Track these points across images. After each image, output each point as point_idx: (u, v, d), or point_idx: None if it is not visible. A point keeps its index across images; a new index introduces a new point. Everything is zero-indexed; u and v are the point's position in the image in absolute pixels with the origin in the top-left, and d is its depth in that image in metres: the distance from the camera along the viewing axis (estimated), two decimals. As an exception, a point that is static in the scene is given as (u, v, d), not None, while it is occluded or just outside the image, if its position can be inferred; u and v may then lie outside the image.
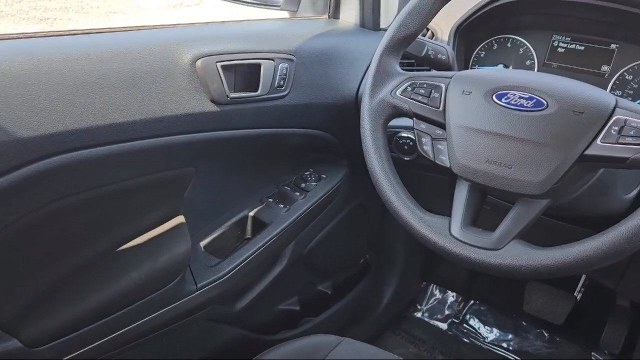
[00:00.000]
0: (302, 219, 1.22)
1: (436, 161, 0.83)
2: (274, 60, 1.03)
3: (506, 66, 1.13)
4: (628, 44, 1.01)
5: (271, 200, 1.23)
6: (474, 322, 1.80)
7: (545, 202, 0.76)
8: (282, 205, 1.22)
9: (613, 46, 1.02)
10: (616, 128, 0.70)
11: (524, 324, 1.75)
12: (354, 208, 1.44)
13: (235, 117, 1.00)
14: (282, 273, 1.27)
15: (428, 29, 1.19)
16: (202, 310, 1.10)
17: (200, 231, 1.13)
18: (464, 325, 1.80)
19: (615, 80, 1.02)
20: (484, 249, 0.75)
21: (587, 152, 0.71)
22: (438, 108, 0.82)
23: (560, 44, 1.08)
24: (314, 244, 1.35)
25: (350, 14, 1.29)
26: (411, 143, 1.12)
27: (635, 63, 1.00)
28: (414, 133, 0.86)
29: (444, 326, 1.80)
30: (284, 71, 1.04)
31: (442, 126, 0.82)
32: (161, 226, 1.01)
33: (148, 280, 0.98)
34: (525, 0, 1.06)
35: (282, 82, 1.05)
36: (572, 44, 1.07)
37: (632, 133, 0.68)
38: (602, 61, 1.03)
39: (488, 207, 0.85)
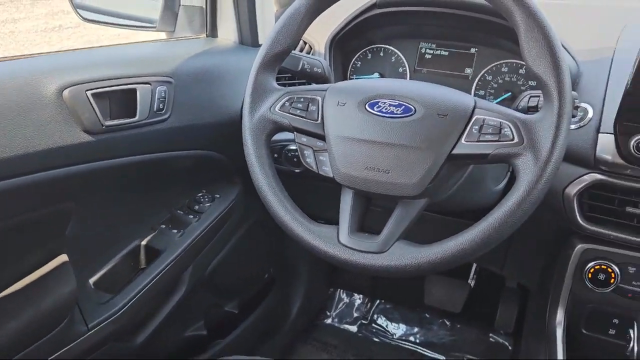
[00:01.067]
0: (197, 241, 1.19)
1: (320, 172, 0.85)
2: (150, 84, 1.00)
3: (382, 74, 1.19)
4: (485, 47, 1.10)
5: (164, 226, 1.20)
6: (382, 321, 1.86)
7: (424, 201, 0.80)
8: (175, 230, 1.18)
9: (473, 50, 1.11)
10: (477, 127, 0.75)
11: (427, 316, 1.83)
12: (252, 225, 1.43)
13: (114, 146, 0.96)
14: (183, 299, 1.24)
15: (306, 43, 1.22)
16: (97, 351, 1.04)
17: (88, 268, 1.07)
18: (373, 325, 1.86)
19: (478, 81, 1.10)
20: (371, 252, 0.78)
21: (455, 151, 0.76)
22: (316, 120, 0.84)
23: (427, 50, 1.15)
24: (215, 265, 1.33)
25: (228, 31, 1.29)
26: (299, 155, 1.14)
27: (493, 64, 1.09)
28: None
29: (353, 329, 1.84)
30: (163, 94, 1.02)
31: (322, 138, 0.84)
32: (43, 267, 0.94)
33: (31, 328, 0.91)
34: (393, 12, 1.11)
35: (161, 106, 1.02)
36: (438, 50, 1.14)
37: (490, 131, 0.74)
38: (465, 64, 1.12)
39: (379, 209, 0.88)
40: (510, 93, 1.07)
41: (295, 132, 0.87)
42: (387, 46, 1.19)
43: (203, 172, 1.29)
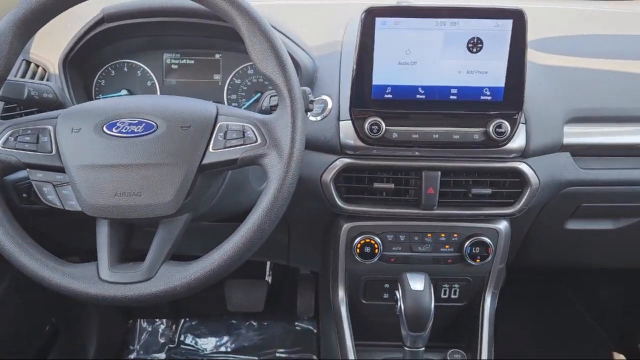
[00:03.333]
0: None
1: (66, 208, 0.78)
2: None
3: (130, 91, 1.13)
4: (229, 52, 1.11)
5: None
6: (190, 340, 1.80)
7: (185, 217, 0.78)
8: None
9: (217, 56, 1.12)
10: (221, 134, 0.75)
11: (234, 322, 1.82)
12: (14, 277, 1.25)
13: None
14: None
15: (39, 66, 1.10)
16: None
17: None
18: (182, 346, 1.79)
19: (228, 85, 1.11)
20: (138, 282, 0.73)
21: (204, 161, 0.75)
22: (50, 152, 0.76)
23: (173, 61, 1.12)
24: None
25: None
26: (38, 194, 1.02)
27: (239, 68, 1.11)
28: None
29: (162, 356, 1.75)
30: None
31: (61, 170, 0.76)
32: None
33: None
34: (127, 25, 1.06)
35: None
36: (183, 59, 1.12)
37: (234, 136, 0.75)
38: (213, 70, 1.12)
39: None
40: (260, 94, 1.11)
41: (27, 169, 0.77)
42: (130, 60, 1.13)
43: None
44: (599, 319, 1.76)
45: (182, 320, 1.84)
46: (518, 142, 0.95)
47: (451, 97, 0.92)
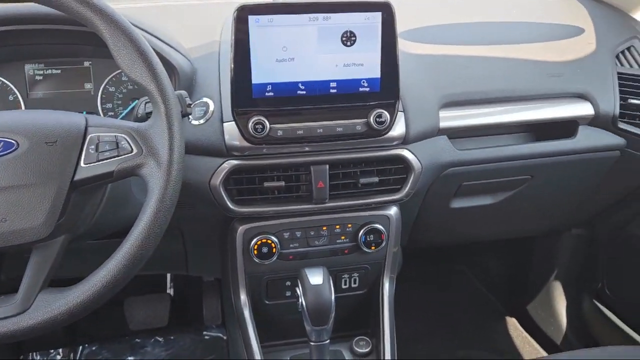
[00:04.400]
0: None
1: None
2: None
3: (-11, 107, 1.03)
4: (99, 59, 1.05)
5: None
6: (92, 367, 1.69)
7: (62, 239, 0.72)
8: None
9: (87, 63, 1.05)
10: (93, 147, 0.71)
11: (138, 340, 1.73)
12: None
13: None
14: None
15: None
16: None
17: None
18: (82, 375, 1.67)
19: (102, 94, 1.05)
20: (11, 316, 0.67)
21: (77, 177, 0.70)
22: None
23: (37, 72, 1.04)
24: None
25: None
26: None
27: (112, 75, 1.05)
28: None
29: (60, 389, 1.63)
30: None
31: None
32: None
33: None
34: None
35: None
36: (48, 69, 1.04)
37: (107, 148, 0.71)
38: (83, 79, 1.05)
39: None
40: (137, 100, 1.05)
41: None
42: (-13, 74, 1.03)
43: None
44: (492, 289, 1.89)
45: (81, 347, 1.72)
46: (398, 129, 0.98)
47: (331, 90, 0.93)
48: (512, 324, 1.76)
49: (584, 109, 1.13)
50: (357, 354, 1.12)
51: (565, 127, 1.16)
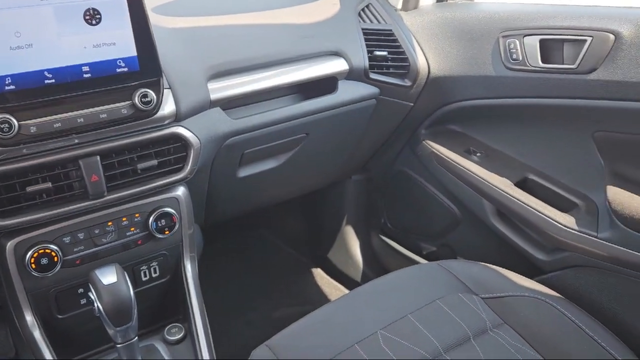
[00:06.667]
0: None
1: None
2: None
3: None
4: None
5: None
6: None
7: None
8: None
9: None
10: None
11: None
12: None
13: None
14: None
15: None
16: None
17: None
18: None
19: None
20: None
21: None
22: None
23: None
24: None
25: None
26: None
27: None
28: None
29: None
30: None
31: None
32: None
33: None
34: None
35: None
36: None
37: None
38: None
39: None
40: None
41: None
42: None
43: None
44: (294, 246, 1.99)
45: None
46: (168, 107, 0.95)
47: (85, 75, 0.85)
48: (318, 273, 1.89)
49: (340, 65, 1.23)
50: (171, 342, 1.09)
51: (328, 84, 1.25)
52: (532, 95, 1.19)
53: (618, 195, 1.09)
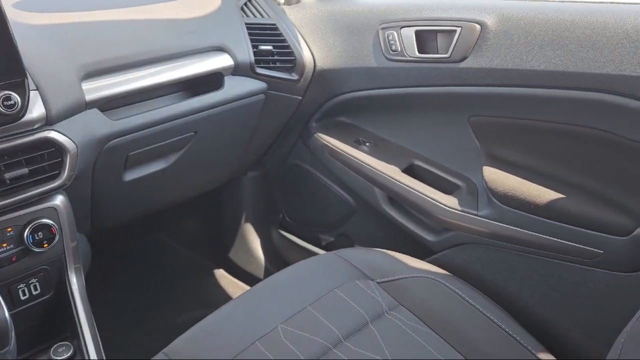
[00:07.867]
0: None
1: None
2: None
3: None
4: None
5: None
6: None
7: None
8: None
9: None
10: None
11: None
12: None
13: None
14: None
15: None
16: None
17: None
18: None
19: None
20: None
21: None
22: None
23: None
24: None
25: None
26: None
27: None
28: None
29: None
30: None
31: None
32: None
33: None
34: None
35: None
36: None
37: None
38: None
39: None
40: None
41: None
42: None
43: None
44: (195, 248, 1.94)
45: None
46: (37, 110, 0.88)
47: None
48: (220, 273, 1.86)
49: (225, 61, 1.21)
50: (59, 363, 1.01)
51: (214, 80, 1.22)
52: (412, 84, 1.24)
53: (493, 175, 1.17)
